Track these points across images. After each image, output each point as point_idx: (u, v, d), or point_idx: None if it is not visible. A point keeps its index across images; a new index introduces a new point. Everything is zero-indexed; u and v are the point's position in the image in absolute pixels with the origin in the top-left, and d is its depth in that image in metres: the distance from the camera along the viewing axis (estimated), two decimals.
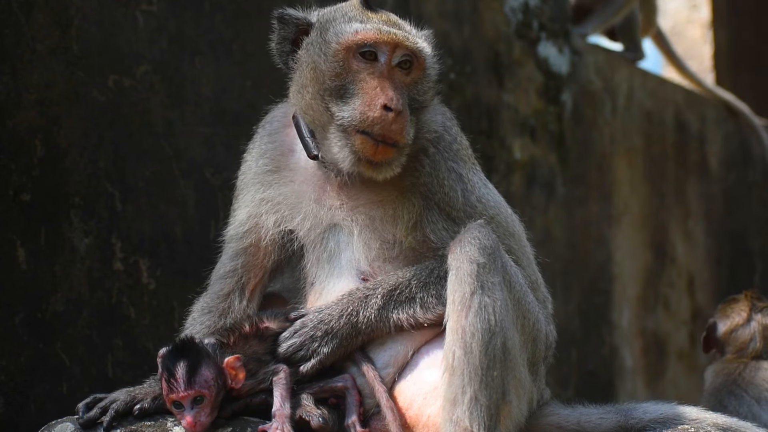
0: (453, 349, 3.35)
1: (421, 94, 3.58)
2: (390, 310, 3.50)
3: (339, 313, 3.51)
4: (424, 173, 3.58)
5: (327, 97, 3.54)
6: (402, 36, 3.53)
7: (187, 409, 3.33)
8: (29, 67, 4.54)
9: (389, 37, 3.51)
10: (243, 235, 3.75)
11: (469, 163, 3.73)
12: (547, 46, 7.14)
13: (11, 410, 4.40)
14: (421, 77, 3.58)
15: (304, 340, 3.49)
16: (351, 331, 3.50)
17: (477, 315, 3.35)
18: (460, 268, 3.40)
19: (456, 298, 3.39)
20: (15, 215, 4.47)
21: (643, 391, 7.61)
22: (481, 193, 3.70)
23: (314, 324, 3.51)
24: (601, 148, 7.63)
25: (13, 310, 4.44)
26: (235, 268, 3.76)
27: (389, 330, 3.52)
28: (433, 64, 3.65)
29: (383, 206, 3.58)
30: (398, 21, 3.64)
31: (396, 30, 3.55)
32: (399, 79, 3.52)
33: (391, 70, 3.51)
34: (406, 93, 3.52)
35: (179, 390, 3.31)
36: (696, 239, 8.54)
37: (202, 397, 3.33)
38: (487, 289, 3.38)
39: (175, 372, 3.33)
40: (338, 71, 3.53)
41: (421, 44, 3.58)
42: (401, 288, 3.52)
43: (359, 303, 3.51)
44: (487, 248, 3.42)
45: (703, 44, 10.16)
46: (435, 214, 3.57)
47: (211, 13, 5.21)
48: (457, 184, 3.61)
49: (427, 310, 3.52)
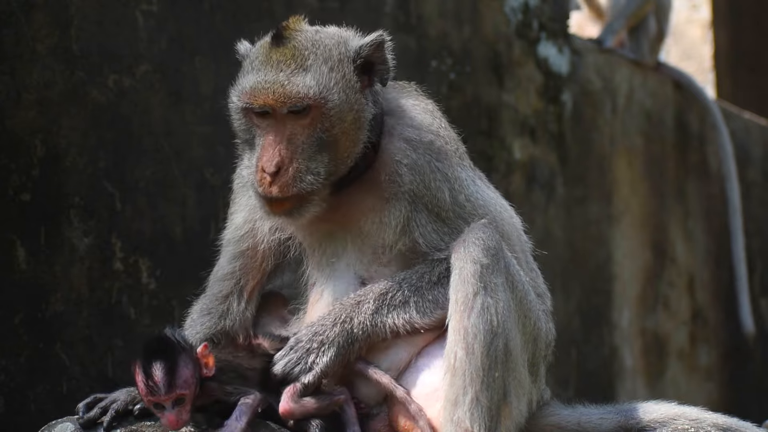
0: (455, 349, 3.35)
1: (328, 130, 3.44)
2: (384, 315, 3.48)
3: (332, 322, 3.48)
4: (405, 179, 3.53)
5: (242, 147, 3.61)
6: (278, 92, 3.41)
7: (168, 408, 3.26)
8: (29, 67, 4.54)
9: (264, 98, 3.42)
10: (240, 239, 3.74)
11: (455, 159, 3.66)
12: (547, 46, 7.14)
13: (11, 410, 4.40)
14: (320, 116, 3.44)
15: (300, 355, 3.46)
16: (347, 338, 3.47)
17: (480, 316, 3.34)
18: (463, 268, 3.40)
19: (459, 299, 3.38)
20: (15, 215, 4.47)
21: (643, 391, 7.61)
22: (470, 191, 3.65)
23: (309, 337, 3.48)
24: (601, 148, 7.63)
25: (13, 310, 4.44)
26: (233, 270, 3.75)
27: (386, 335, 3.49)
28: (336, 94, 3.45)
29: (372, 214, 3.56)
30: (295, 56, 3.47)
31: (274, 84, 3.42)
32: (293, 127, 3.44)
33: (282, 121, 3.44)
34: (305, 138, 3.44)
35: (160, 394, 3.23)
36: (696, 239, 8.54)
37: (182, 398, 3.26)
38: (490, 290, 3.37)
39: (154, 375, 3.23)
40: (243, 127, 3.55)
41: (304, 89, 3.41)
42: (392, 292, 3.50)
43: (352, 309, 3.49)
44: (491, 249, 3.41)
45: (703, 44, 10.16)
46: (423, 217, 3.54)
47: (211, 13, 5.21)
48: (443, 183, 3.57)
49: (423, 314, 3.49)
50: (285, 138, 3.43)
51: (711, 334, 8.59)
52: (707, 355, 8.54)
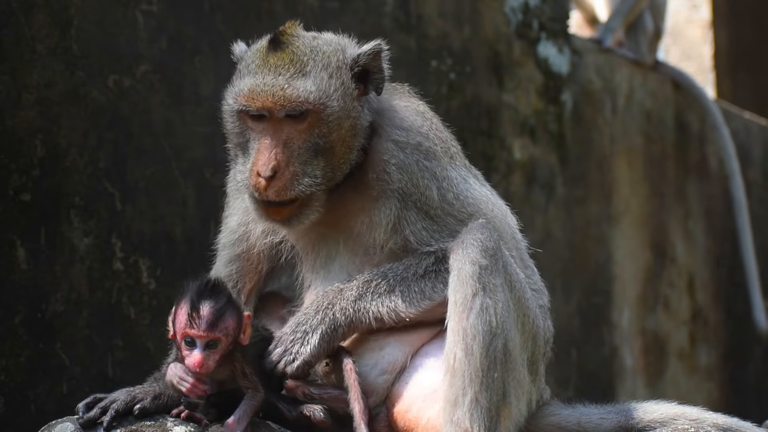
0: (454, 350, 3.35)
1: (325, 136, 3.44)
2: (368, 301, 3.49)
3: (315, 310, 3.51)
4: (394, 178, 3.53)
5: (235, 151, 3.59)
6: (278, 95, 3.40)
7: (199, 348, 3.28)
8: (29, 67, 4.54)
9: (262, 101, 3.41)
10: (235, 242, 3.76)
11: (445, 159, 3.66)
12: (547, 46, 7.14)
13: (11, 410, 4.40)
14: (317, 122, 3.44)
15: (285, 347, 3.48)
16: (329, 324, 3.49)
17: (479, 316, 3.34)
18: (461, 269, 3.40)
19: (458, 299, 3.38)
20: (15, 215, 4.47)
21: (643, 391, 7.61)
22: (459, 189, 3.64)
23: (293, 329, 3.50)
24: (601, 148, 7.63)
25: (13, 310, 4.44)
26: (230, 273, 3.77)
27: (370, 322, 3.50)
28: (335, 101, 3.45)
29: (362, 214, 3.56)
30: (294, 61, 3.46)
31: (273, 87, 3.41)
32: (290, 132, 3.44)
33: (278, 125, 3.44)
34: (302, 142, 3.43)
35: (200, 329, 3.27)
36: (696, 239, 8.54)
37: (217, 343, 3.28)
38: (488, 290, 3.37)
39: (201, 309, 3.28)
40: (237, 131, 3.54)
41: (304, 93, 3.41)
42: (377, 280, 3.51)
43: (334, 296, 3.51)
44: (489, 249, 3.41)
45: (703, 44, 10.17)
46: (413, 215, 3.55)
47: (211, 13, 5.21)
48: (431, 182, 3.57)
49: (410, 303, 3.50)
50: (281, 142, 3.43)
51: (711, 334, 8.59)
52: (707, 355, 8.53)
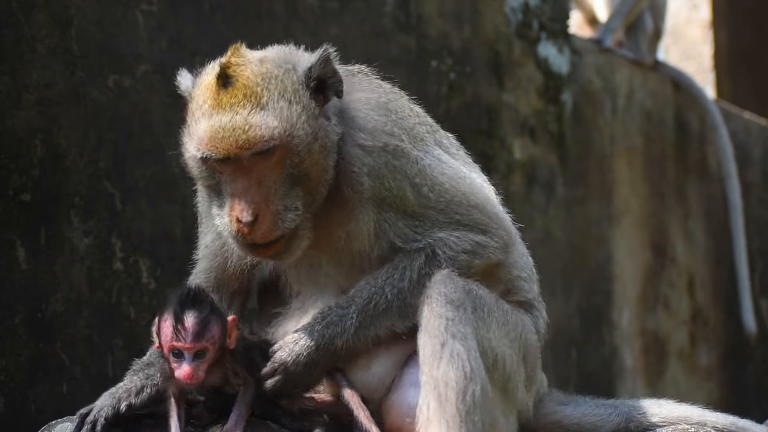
0: (427, 401, 3.24)
1: (297, 165, 3.29)
2: (368, 328, 3.42)
3: (316, 345, 3.41)
4: (366, 186, 3.43)
5: (206, 192, 3.44)
6: (241, 138, 3.21)
7: (187, 360, 3.27)
8: (29, 67, 4.54)
9: (226, 148, 3.23)
10: (211, 255, 3.66)
11: (415, 151, 3.52)
12: (547, 46, 7.14)
13: (11, 410, 4.40)
14: (287, 153, 3.28)
15: (286, 379, 3.41)
16: (331, 357, 3.42)
17: (449, 363, 3.23)
18: (428, 324, 3.30)
19: (427, 352, 3.27)
20: (15, 215, 4.47)
21: (643, 391, 7.61)
22: (434, 178, 3.51)
23: (293, 359, 3.40)
24: (601, 148, 7.63)
25: (13, 310, 4.44)
26: (208, 279, 3.68)
27: (368, 346, 3.44)
28: (301, 128, 3.28)
29: (339, 228, 3.46)
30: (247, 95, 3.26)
31: (234, 131, 3.22)
32: (261, 170, 3.27)
33: (248, 166, 3.26)
34: (275, 177, 3.29)
35: (186, 340, 3.26)
36: (696, 239, 8.54)
37: (204, 352, 3.28)
38: (458, 338, 3.26)
39: (185, 321, 3.27)
40: (204, 175, 3.38)
41: (267, 131, 3.23)
42: (375, 300, 3.43)
43: (335, 328, 3.42)
44: (454, 302, 3.31)
45: (703, 44, 10.17)
46: (392, 216, 3.46)
47: (211, 13, 5.21)
48: (403, 182, 3.46)
49: (405, 318, 3.43)
50: (255, 182, 3.27)
51: (711, 334, 8.59)
52: (707, 355, 8.53)
